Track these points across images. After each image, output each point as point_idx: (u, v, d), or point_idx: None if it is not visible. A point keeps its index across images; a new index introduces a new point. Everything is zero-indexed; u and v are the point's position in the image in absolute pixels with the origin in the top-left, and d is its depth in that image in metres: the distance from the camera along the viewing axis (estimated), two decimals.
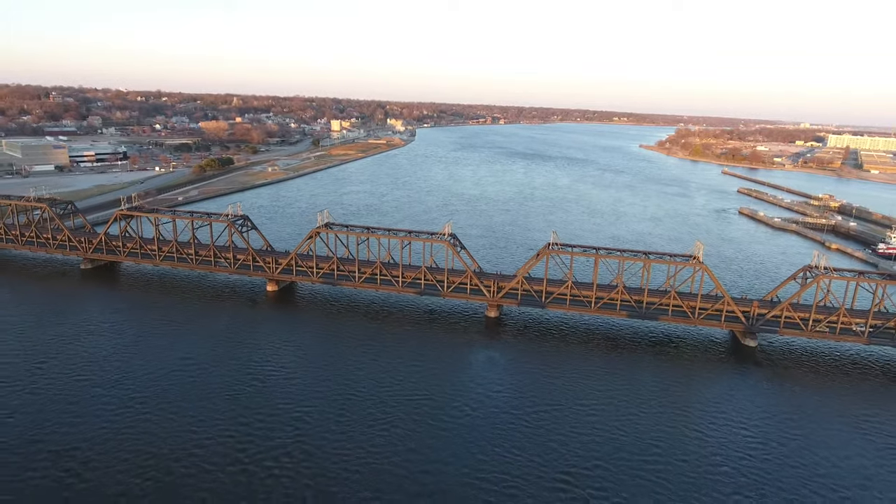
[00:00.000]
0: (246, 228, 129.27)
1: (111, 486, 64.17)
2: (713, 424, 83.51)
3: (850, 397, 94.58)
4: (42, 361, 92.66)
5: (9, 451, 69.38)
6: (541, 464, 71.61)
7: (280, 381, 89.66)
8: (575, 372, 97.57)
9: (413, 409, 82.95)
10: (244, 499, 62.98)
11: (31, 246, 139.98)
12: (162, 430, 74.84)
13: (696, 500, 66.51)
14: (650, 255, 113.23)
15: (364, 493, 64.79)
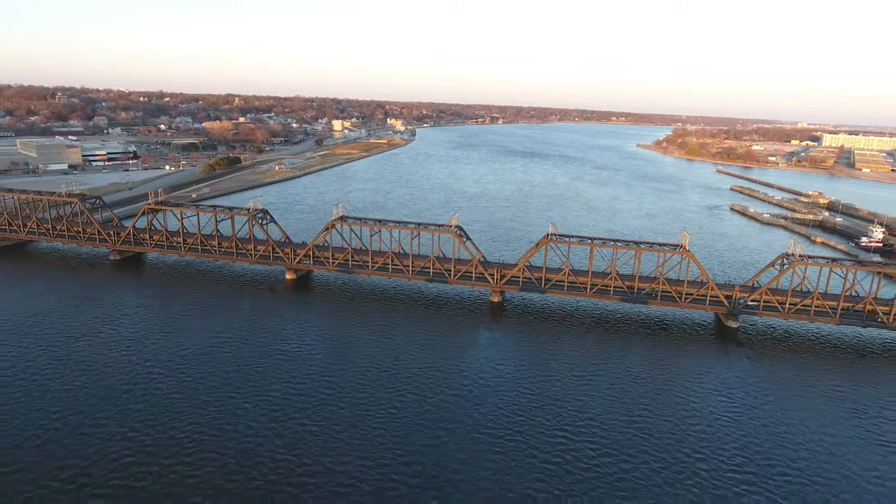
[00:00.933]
0: (266, 221, 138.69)
1: (170, 438, 73.66)
2: (695, 393, 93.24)
3: (822, 371, 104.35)
4: (87, 340, 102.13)
5: (76, 412, 78.83)
6: (541, 422, 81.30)
7: (302, 357, 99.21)
8: (572, 350, 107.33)
9: (425, 380, 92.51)
10: (283, 447, 72.45)
11: (62, 238, 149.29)
12: (205, 395, 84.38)
13: (677, 451, 76.17)
14: (641, 244, 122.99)
15: (386, 445, 74.31)
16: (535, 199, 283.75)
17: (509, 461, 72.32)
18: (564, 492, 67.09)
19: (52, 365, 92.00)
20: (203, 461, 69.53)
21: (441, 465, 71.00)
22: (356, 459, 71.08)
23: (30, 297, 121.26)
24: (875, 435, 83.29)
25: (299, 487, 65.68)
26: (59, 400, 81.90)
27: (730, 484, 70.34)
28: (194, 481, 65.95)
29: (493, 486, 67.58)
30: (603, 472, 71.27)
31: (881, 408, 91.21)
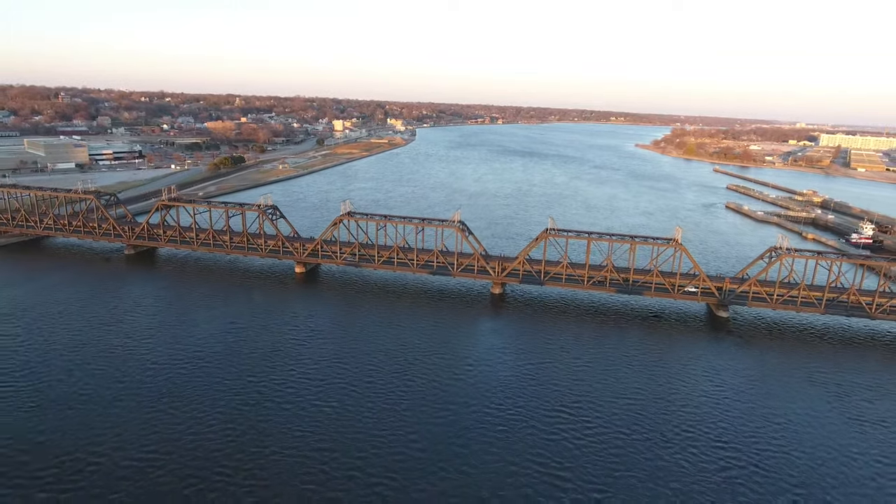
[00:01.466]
0: (276, 217, 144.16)
1: (192, 414, 79.10)
2: (686, 378, 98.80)
3: (807, 358, 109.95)
4: (109, 328, 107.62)
5: (105, 389, 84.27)
6: (541, 402, 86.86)
7: (313, 344, 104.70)
8: (569, 338, 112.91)
9: (430, 366, 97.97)
10: (299, 425, 77.92)
11: (78, 234, 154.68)
12: (223, 378, 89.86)
13: (666, 428, 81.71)
14: (636, 238, 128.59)
15: (397, 422, 79.81)
16: (534, 197, 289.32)
17: (511, 435, 77.86)
18: (562, 462, 72.57)
19: (77, 350, 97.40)
20: (226, 437, 74.96)
21: (448, 439, 76.48)
22: (369, 436, 76.52)
23: (51, 289, 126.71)
24: (854, 415, 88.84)
25: (316, 459, 71.11)
26: (90, 381, 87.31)
27: (714, 456, 75.88)
28: (218, 454, 71.35)
29: (496, 457, 73.05)
30: (598, 445, 76.78)
31: (863, 391, 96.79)
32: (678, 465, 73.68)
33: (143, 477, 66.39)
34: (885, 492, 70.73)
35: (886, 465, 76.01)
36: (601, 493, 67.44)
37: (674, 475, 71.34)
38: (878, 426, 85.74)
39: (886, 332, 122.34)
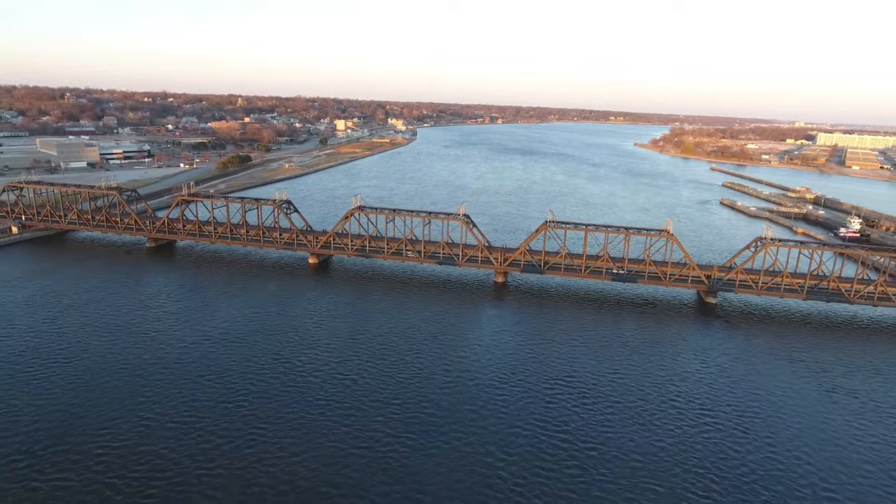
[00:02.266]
0: (290, 211, 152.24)
1: (226, 385, 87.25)
2: (675, 356, 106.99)
3: (789, 340, 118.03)
4: (138, 312, 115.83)
5: (145, 365, 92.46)
6: (540, 376, 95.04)
7: (328, 328, 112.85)
8: (567, 322, 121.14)
9: (438, 345, 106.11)
10: (322, 395, 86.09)
11: (101, 228, 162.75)
12: (249, 355, 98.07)
13: (655, 399, 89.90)
14: (630, 230, 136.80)
15: (409, 394, 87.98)
16: (533, 194, 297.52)
17: (514, 403, 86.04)
18: (560, 425, 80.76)
19: (112, 332, 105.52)
20: (259, 403, 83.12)
21: (455, 408, 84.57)
22: (386, 403, 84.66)
23: (79, 278, 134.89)
24: (829, 388, 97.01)
25: (339, 422, 79.22)
26: (129, 358, 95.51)
27: (697, 421, 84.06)
28: (252, 418, 79.50)
29: (502, 420, 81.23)
30: (592, 411, 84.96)
31: (839, 368, 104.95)
32: (664, 429, 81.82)
33: (186, 436, 74.51)
34: (849, 449, 78.86)
35: (854, 429, 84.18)
36: (595, 449, 75.64)
37: (660, 436, 79.52)
38: (850, 396, 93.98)
39: (864, 316, 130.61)
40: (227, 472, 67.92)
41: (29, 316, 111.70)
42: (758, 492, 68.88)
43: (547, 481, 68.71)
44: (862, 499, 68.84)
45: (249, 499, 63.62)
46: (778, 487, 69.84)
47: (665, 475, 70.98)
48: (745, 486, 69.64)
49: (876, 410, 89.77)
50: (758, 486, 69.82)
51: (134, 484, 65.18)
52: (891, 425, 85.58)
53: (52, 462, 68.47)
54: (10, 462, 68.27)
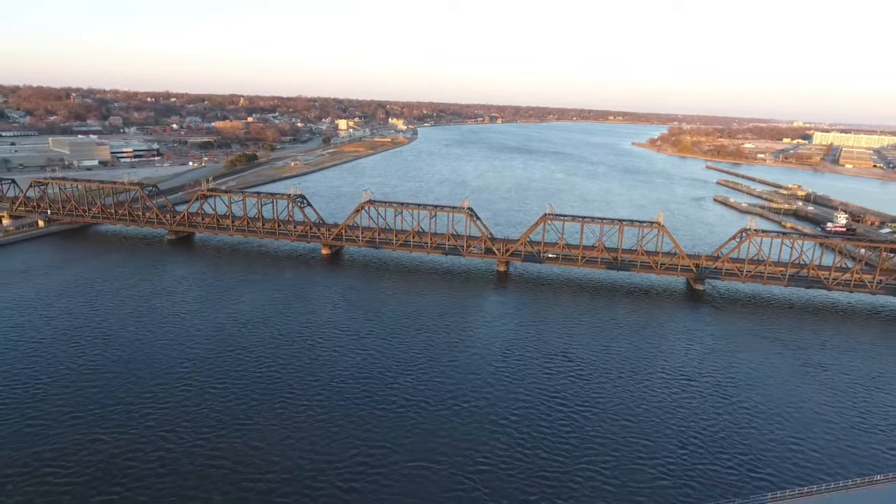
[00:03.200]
0: (304, 205, 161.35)
1: (255, 359, 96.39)
2: (664, 337, 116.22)
3: (771, 323, 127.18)
4: (164, 297, 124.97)
5: (169, 349, 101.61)
6: (539, 352, 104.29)
7: (340, 314, 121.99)
8: (565, 307, 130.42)
9: (443, 329, 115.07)
10: (335, 374, 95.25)
11: (124, 221, 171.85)
12: (272, 335, 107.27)
13: (643, 373, 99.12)
14: (623, 221, 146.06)
15: (419, 370, 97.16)
16: (533, 191, 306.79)
17: (515, 374, 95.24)
18: (557, 392, 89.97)
19: (143, 316, 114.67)
20: (284, 373, 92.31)
21: (462, 377, 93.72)
22: (400, 374, 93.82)
23: (106, 268, 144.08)
24: (803, 362, 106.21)
25: (358, 388, 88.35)
26: (164, 336, 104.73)
27: (680, 388, 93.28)
28: (280, 384, 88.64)
29: (502, 389, 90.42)
30: (585, 381, 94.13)
31: (814, 346, 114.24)
32: (651, 395, 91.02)
33: (224, 399, 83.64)
34: (815, 411, 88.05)
35: (821, 395, 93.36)
36: (587, 410, 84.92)
37: (647, 401, 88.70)
38: (821, 369, 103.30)
39: (842, 302, 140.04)
40: (263, 427, 77.12)
41: (66, 300, 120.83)
42: (732, 444, 78.10)
43: (545, 435, 77.94)
44: (822, 450, 78.04)
45: (287, 448, 72.75)
46: (748, 441, 79.04)
47: (651, 432, 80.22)
48: (722, 440, 78.84)
49: (843, 381, 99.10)
50: (733, 441, 79.03)
51: (185, 436, 74.35)
52: (854, 392, 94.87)
53: (109, 419, 77.62)
54: (73, 418, 77.42)
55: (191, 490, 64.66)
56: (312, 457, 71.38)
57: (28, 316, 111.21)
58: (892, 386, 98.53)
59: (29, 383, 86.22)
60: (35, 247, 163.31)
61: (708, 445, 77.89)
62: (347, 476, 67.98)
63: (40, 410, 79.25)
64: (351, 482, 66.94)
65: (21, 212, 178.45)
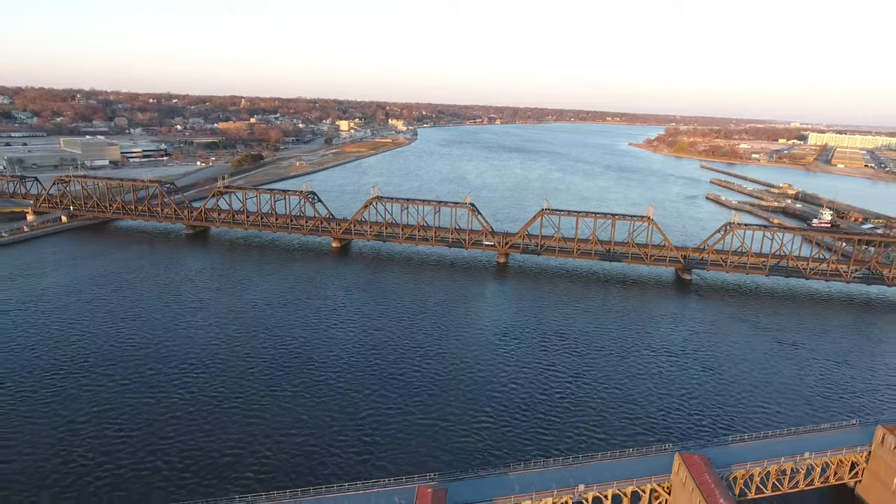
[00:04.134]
0: (315, 201, 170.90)
1: (276, 337, 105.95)
2: (653, 321, 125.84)
3: (752, 309, 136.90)
4: (186, 284, 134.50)
5: (199, 329, 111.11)
6: (536, 332, 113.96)
7: (355, 296, 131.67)
8: (560, 294, 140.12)
9: (448, 313, 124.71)
10: (344, 354, 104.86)
11: (143, 217, 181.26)
12: (290, 319, 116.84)
13: (633, 350, 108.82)
14: (616, 216, 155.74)
15: (427, 347, 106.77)
16: (531, 190, 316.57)
17: (515, 350, 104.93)
18: (551, 363, 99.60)
19: (170, 301, 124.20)
20: (304, 347, 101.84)
21: (466, 352, 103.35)
22: (409, 350, 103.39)
23: (129, 259, 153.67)
24: (777, 340, 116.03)
25: (374, 361, 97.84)
26: (192, 320, 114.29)
27: (664, 361, 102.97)
28: (298, 364, 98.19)
29: (504, 362, 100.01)
30: (577, 355, 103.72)
31: (790, 327, 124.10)
32: (638, 367, 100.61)
33: (255, 369, 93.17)
34: (783, 380, 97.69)
35: (791, 368, 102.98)
36: (579, 379, 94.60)
37: (634, 372, 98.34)
38: (793, 348, 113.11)
39: (819, 290, 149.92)
40: (291, 392, 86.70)
41: (98, 288, 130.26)
42: (707, 407, 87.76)
43: (540, 400, 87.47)
44: (786, 412, 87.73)
45: (313, 409, 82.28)
46: (721, 405, 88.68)
47: (635, 396, 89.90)
48: (698, 403, 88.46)
49: (812, 356, 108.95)
50: (708, 403, 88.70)
51: (223, 399, 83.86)
52: (821, 367, 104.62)
53: (154, 385, 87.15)
54: (120, 385, 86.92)
55: (233, 442, 74.14)
56: (336, 415, 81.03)
57: (66, 300, 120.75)
58: (859, 362, 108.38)
59: (78, 356, 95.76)
60: (60, 241, 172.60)
61: (685, 408, 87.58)
62: (368, 430, 77.64)
63: (92, 379, 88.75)
64: (372, 435, 76.57)
65: (44, 208, 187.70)
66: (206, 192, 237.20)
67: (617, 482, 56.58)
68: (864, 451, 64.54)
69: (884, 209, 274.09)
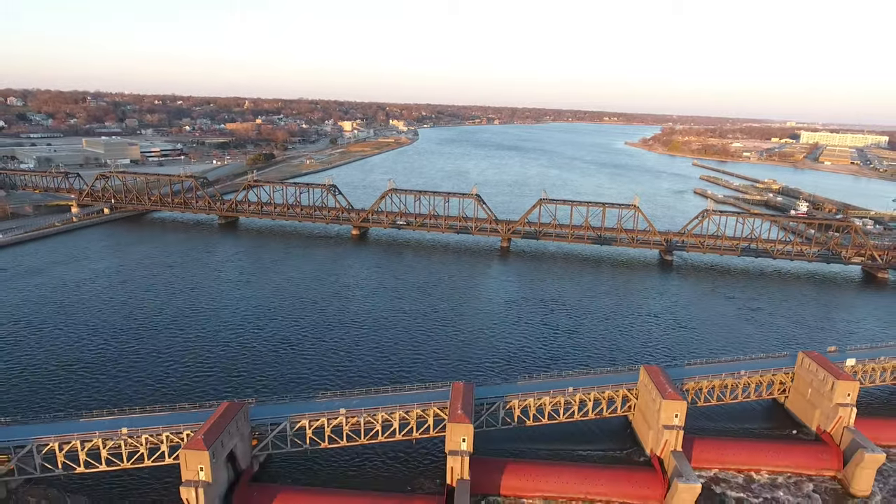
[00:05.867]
0: (336, 193, 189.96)
1: (309, 306, 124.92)
2: (639, 294, 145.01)
3: (725, 285, 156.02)
4: (224, 267, 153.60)
5: (243, 301, 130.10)
6: (535, 302, 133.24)
7: (373, 275, 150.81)
8: (557, 272, 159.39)
9: (459, 286, 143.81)
10: (365, 327, 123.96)
11: (179, 208, 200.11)
12: (318, 294, 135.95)
13: (619, 316, 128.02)
14: (606, 204, 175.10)
15: (438, 315, 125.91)
16: (529, 186, 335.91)
17: (512, 316, 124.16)
18: (548, 324, 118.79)
19: (213, 280, 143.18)
20: (332, 316, 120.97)
21: (476, 315, 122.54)
22: (426, 314, 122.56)
23: (169, 246, 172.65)
24: (742, 307, 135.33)
25: (398, 321, 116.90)
26: (238, 294, 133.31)
27: (645, 322, 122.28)
28: (333, 326, 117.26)
29: (504, 324, 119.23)
30: (571, 317, 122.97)
31: (756, 297, 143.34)
32: (623, 326, 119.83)
33: (302, 325, 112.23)
34: (741, 334, 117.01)
35: (751, 327, 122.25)
36: (573, 332, 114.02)
37: (621, 330, 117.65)
38: (756, 312, 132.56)
39: (784, 268, 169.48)
40: (327, 342, 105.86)
41: (144, 269, 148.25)
42: (676, 349, 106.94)
43: (536, 349, 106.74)
44: (739, 352, 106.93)
45: (351, 348, 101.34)
46: (686, 345, 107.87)
47: (619, 343, 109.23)
48: (669, 350, 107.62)
49: (770, 318, 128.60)
50: (678, 348, 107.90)
51: (263, 363, 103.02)
52: (778, 325, 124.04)
53: (203, 346, 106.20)
54: (184, 341, 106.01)
55: (303, 370, 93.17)
56: (367, 358, 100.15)
57: (119, 279, 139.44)
58: (812, 323, 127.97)
59: (141, 319, 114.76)
60: (103, 230, 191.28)
61: (659, 351, 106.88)
62: (396, 370, 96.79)
63: (156, 337, 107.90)
64: (399, 373, 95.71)
65: (87, 201, 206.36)
66: (228, 187, 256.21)
67: (597, 387, 75.71)
68: (789, 371, 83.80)
69: (859, 201, 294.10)
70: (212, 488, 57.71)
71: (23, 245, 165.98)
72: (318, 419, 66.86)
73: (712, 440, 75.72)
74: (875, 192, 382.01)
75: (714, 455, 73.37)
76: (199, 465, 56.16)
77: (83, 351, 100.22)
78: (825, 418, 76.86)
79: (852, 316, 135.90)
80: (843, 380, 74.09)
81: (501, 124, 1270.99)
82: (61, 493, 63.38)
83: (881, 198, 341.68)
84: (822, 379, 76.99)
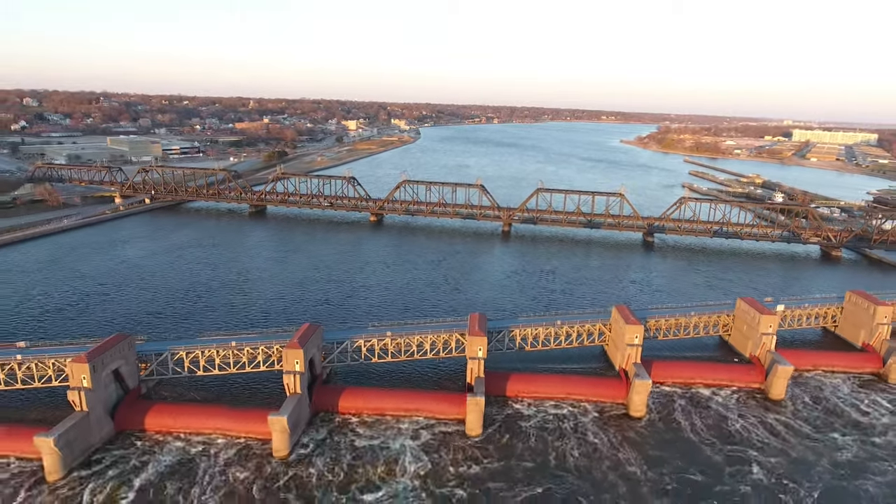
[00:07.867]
0: (356, 183, 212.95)
1: (341, 281, 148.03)
2: (624, 269, 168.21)
3: (700, 263, 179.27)
4: (261, 248, 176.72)
5: (279, 278, 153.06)
6: (532, 275, 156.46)
7: (391, 255, 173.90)
8: (552, 252, 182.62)
9: (466, 262, 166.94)
10: (379, 296, 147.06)
11: (213, 198, 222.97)
12: (341, 273, 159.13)
13: (606, 289, 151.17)
14: (595, 193, 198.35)
15: (448, 288, 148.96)
16: (527, 181, 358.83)
17: (512, 283, 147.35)
18: (545, 288, 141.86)
19: (253, 258, 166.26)
20: (355, 288, 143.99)
21: (478, 288, 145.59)
22: (438, 285, 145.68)
23: (206, 231, 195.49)
24: (709, 278, 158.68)
25: (417, 287, 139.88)
26: (277, 271, 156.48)
27: (628, 289, 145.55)
28: (360, 291, 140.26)
29: (506, 290, 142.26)
30: (567, 284, 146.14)
31: (724, 273, 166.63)
32: (606, 291, 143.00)
33: (339, 290, 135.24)
34: (704, 295, 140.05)
35: (715, 292, 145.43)
36: (566, 293, 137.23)
37: (607, 294, 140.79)
38: (722, 281, 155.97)
39: (751, 248, 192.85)
40: (365, 303, 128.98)
41: (185, 251, 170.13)
42: (653, 311, 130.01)
43: (540, 303, 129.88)
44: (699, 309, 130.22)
45: (382, 310, 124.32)
46: (658, 301, 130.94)
47: (600, 299, 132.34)
48: (645, 305, 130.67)
49: (732, 287, 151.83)
50: (654, 312, 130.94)
51: (327, 306, 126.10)
52: (737, 291, 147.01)
53: (243, 313, 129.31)
54: (227, 306, 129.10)
55: (340, 317, 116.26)
56: (395, 311, 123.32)
57: (167, 259, 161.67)
58: (766, 290, 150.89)
59: (191, 290, 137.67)
60: (144, 219, 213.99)
61: (635, 304, 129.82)
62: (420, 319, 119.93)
63: (208, 301, 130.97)
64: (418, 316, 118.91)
65: (128, 193, 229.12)
66: (251, 180, 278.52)
67: (580, 322, 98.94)
68: (731, 314, 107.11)
69: (836, 193, 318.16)
70: (302, 377, 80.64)
71: (84, 228, 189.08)
72: (370, 340, 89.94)
73: (667, 361, 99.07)
74: (854, 185, 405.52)
75: (667, 371, 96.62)
76: (295, 360, 79.11)
77: (176, 298, 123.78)
78: (754, 346, 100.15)
79: (804, 285, 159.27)
80: (765, 314, 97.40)
81: (500, 123, 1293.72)
82: (184, 390, 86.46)
83: (858, 190, 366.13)
84: (752, 316, 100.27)
